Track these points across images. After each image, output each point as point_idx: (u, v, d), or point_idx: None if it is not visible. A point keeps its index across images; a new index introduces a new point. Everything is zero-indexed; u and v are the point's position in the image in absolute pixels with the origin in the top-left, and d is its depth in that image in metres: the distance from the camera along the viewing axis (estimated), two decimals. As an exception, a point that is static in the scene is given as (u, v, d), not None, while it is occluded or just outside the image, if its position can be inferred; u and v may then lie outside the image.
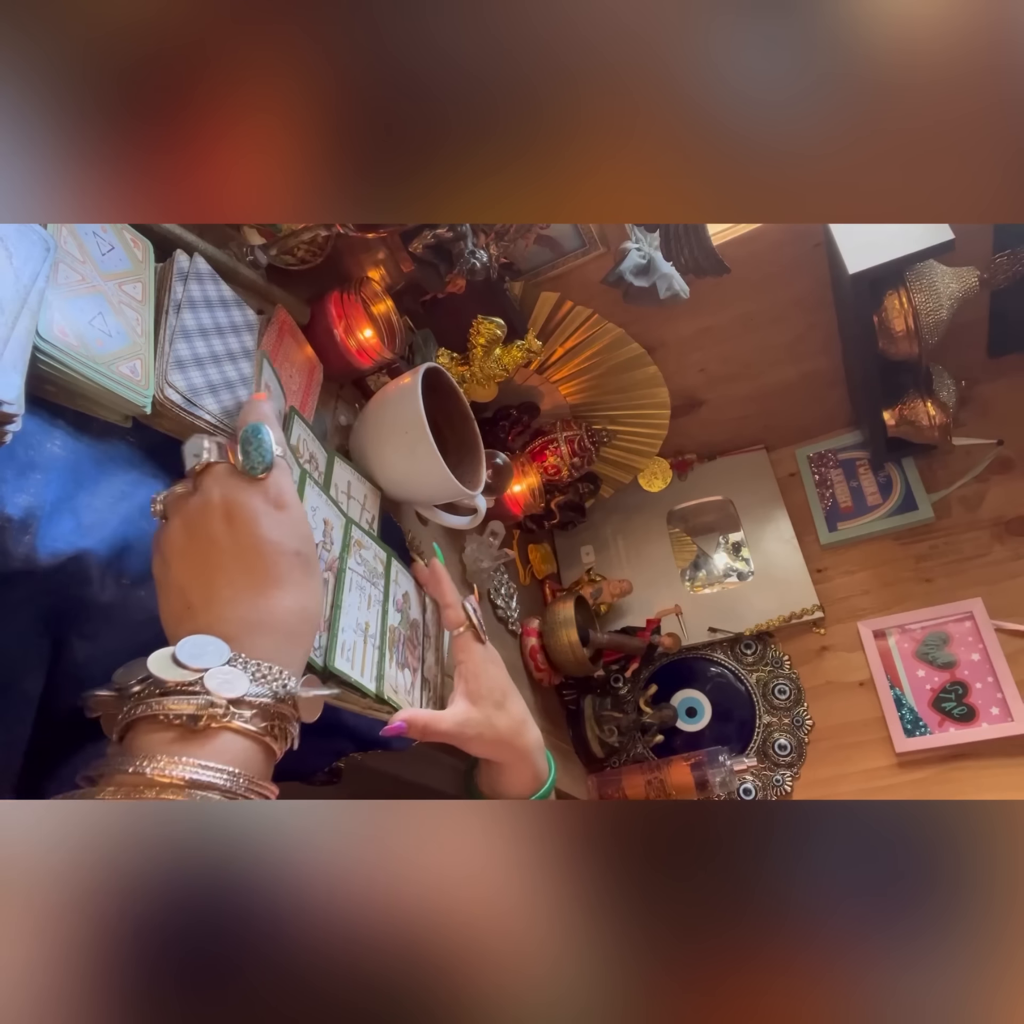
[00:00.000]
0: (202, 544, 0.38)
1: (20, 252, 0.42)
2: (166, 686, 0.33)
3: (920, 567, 1.23)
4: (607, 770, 1.17)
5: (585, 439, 1.15)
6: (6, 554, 0.40)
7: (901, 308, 1.00)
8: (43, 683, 0.46)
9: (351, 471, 0.70)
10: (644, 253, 0.94)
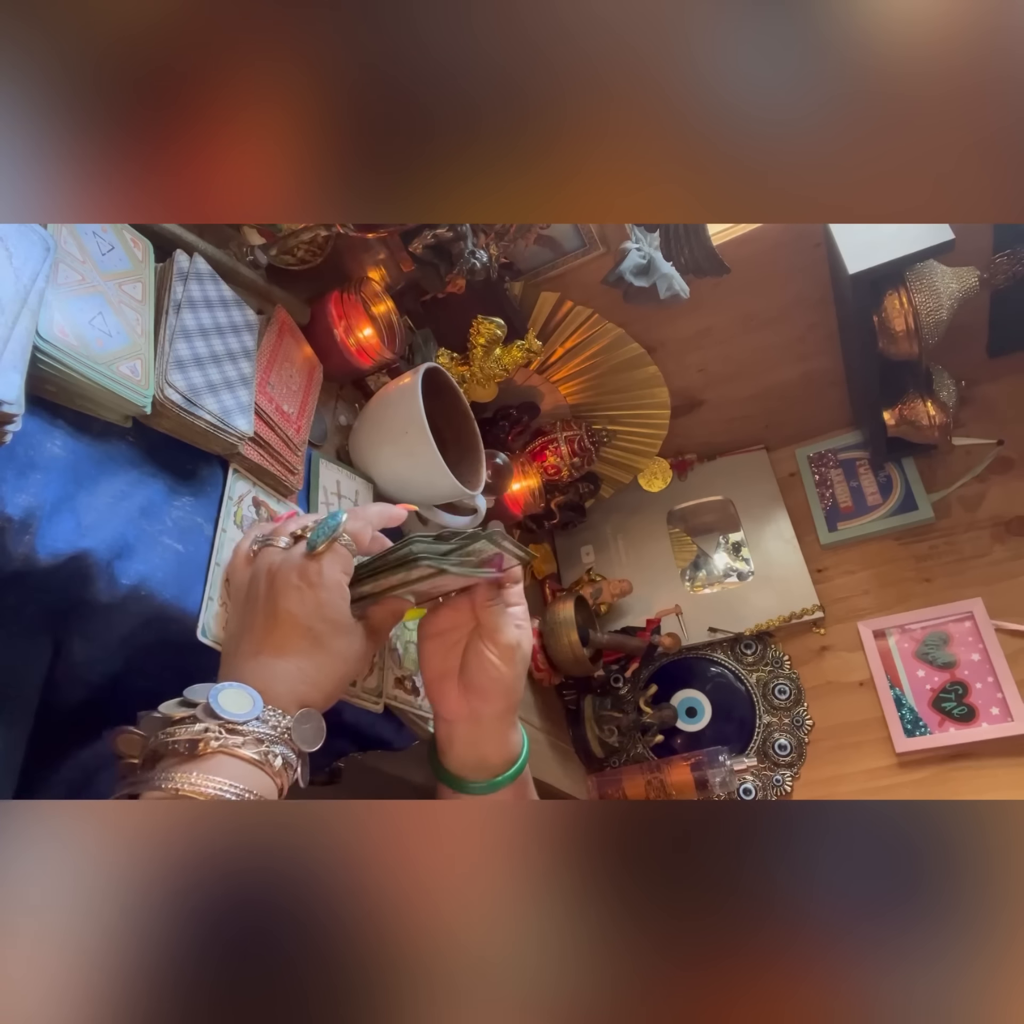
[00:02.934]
0: (248, 598, 0.47)
1: (20, 252, 0.42)
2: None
3: (920, 567, 1.23)
4: (607, 770, 1.17)
5: (585, 439, 1.15)
6: (6, 554, 0.40)
7: (901, 308, 1.00)
8: (43, 683, 0.46)
9: (337, 468, 0.70)
10: (644, 253, 0.94)
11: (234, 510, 0.55)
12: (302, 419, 0.66)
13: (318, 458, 0.68)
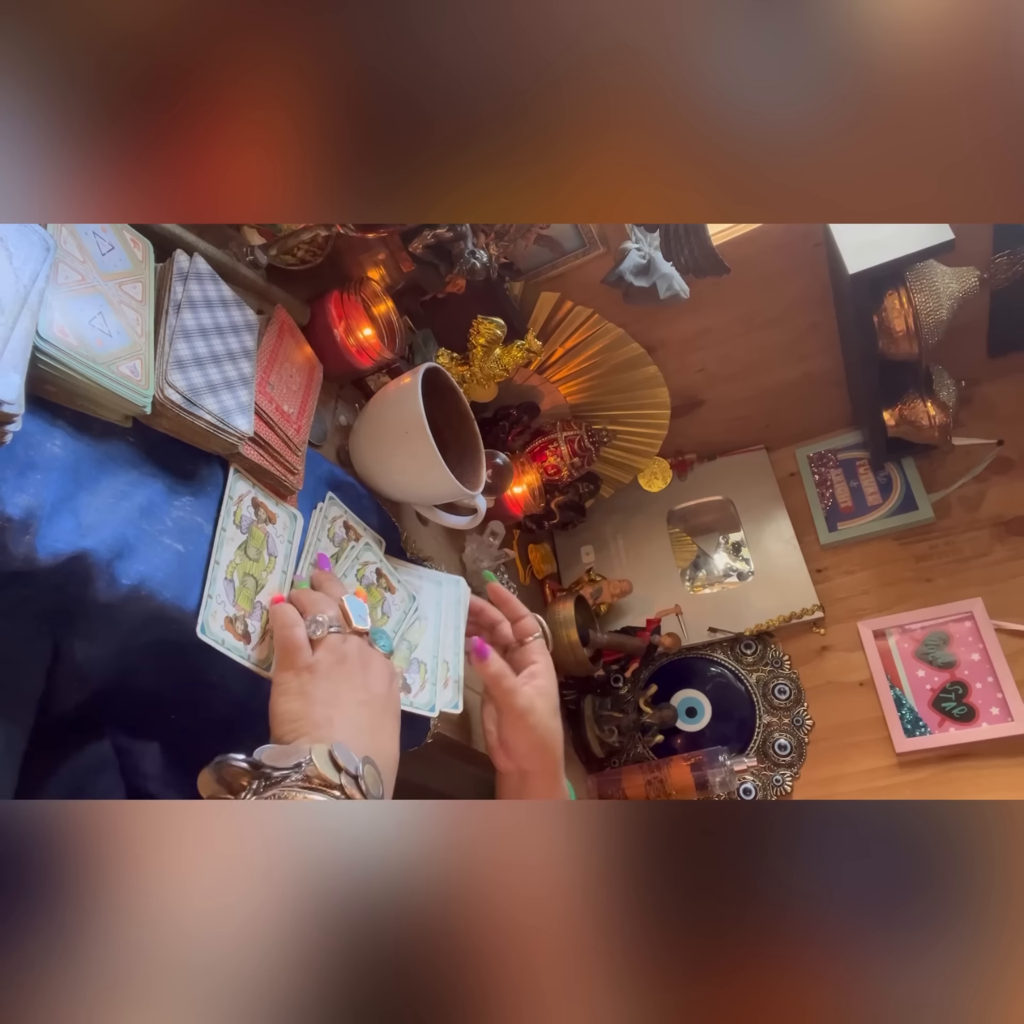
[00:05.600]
0: (343, 681, 0.50)
1: (20, 252, 0.42)
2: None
3: (920, 567, 1.23)
4: (607, 770, 1.17)
5: (585, 439, 1.15)
6: (6, 554, 0.40)
7: (901, 308, 1.00)
8: (43, 683, 0.46)
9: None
10: (644, 253, 0.94)
11: (234, 510, 0.55)
12: (302, 419, 0.66)
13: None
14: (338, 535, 0.67)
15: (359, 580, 0.65)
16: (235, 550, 0.54)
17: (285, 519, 0.60)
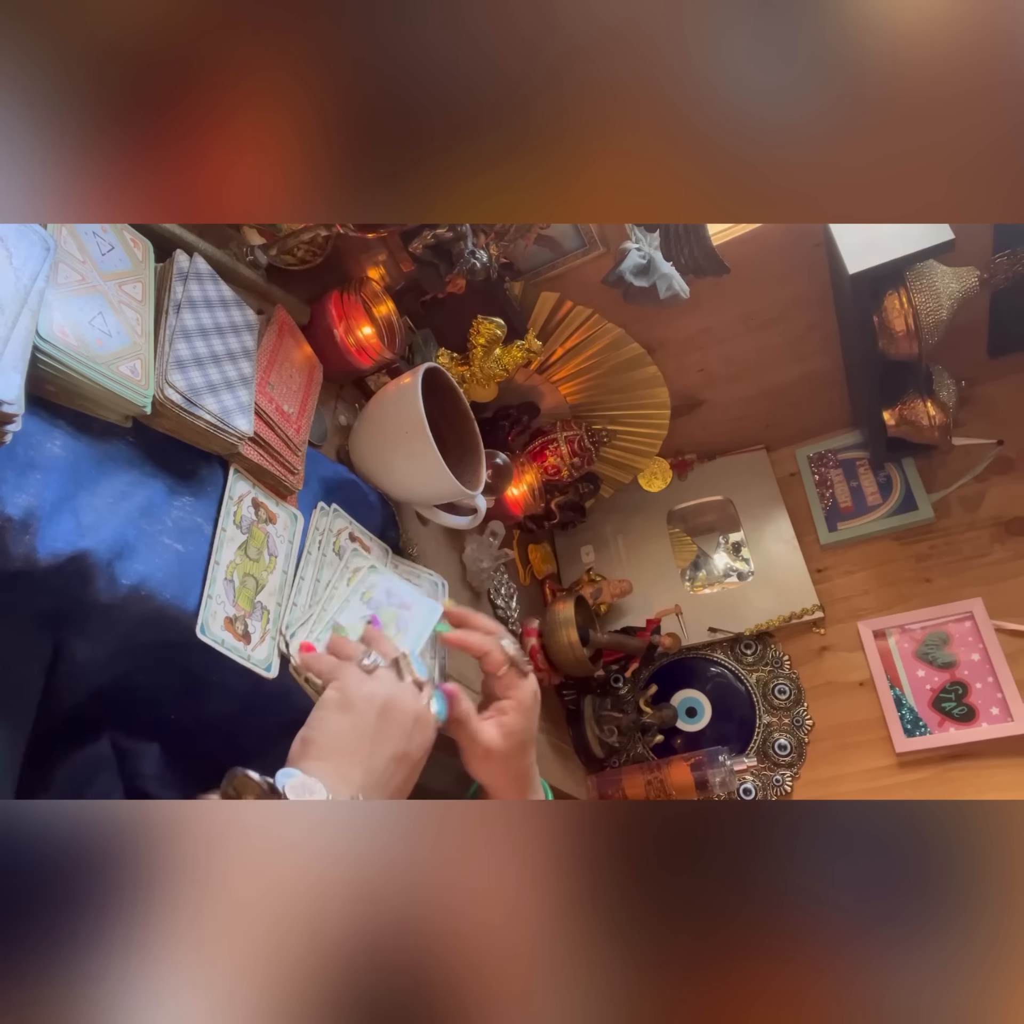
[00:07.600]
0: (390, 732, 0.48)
1: (20, 252, 0.42)
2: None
3: (920, 567, 1.23)
4: (607, 770, 1.17)
5: (585, 439, 1.15)
6: (6, 554, 0.40)
7: (901, 308, 1.00)
8: (43, 683, 0.46)
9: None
10: (644, 253, 0.94)
11: (234, 510, 0.55)
12: (302, 419, 0.66)
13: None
14: (344, 548, 0.66)
15: (366, 603, 0.64)
16: (235, 550, 0.54)
17: (285, 519, 0.60)
